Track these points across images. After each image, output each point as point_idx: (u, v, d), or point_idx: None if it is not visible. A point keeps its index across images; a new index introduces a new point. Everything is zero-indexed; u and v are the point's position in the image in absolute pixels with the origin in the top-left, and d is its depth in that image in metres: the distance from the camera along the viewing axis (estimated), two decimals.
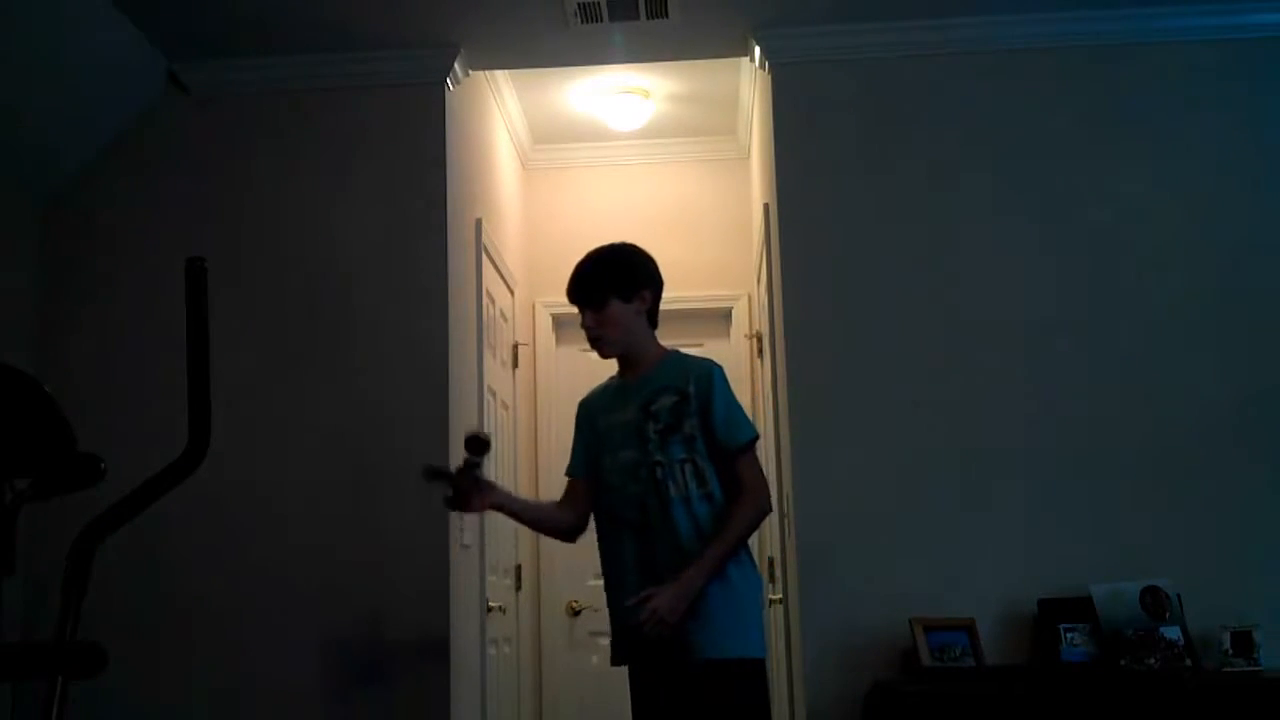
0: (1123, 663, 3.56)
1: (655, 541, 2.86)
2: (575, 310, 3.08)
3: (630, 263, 3.02)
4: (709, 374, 2.94)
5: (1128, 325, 3.97)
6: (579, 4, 3.95)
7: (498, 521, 4.73)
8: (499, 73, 4.92)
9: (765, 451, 4.85)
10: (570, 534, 3.12)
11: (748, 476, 2.92)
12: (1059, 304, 3.99)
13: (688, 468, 2.86)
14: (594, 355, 3.08)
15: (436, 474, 2.93)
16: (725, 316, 5.69)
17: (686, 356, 3.07)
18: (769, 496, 2.99)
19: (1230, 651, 3.57)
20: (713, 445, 2.89)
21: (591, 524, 3.10)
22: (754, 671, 2.86)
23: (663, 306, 3.08)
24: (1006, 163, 4.11)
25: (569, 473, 3.13)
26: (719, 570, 2.82)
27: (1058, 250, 4.03)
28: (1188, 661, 3.57)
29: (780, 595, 4.41)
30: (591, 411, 3.09)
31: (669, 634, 2.76)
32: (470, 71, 4.41)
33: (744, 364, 5.52)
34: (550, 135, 5.66)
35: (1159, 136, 4.10)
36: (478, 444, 2.90)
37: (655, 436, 2.89)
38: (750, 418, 3.10)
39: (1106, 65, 4.14)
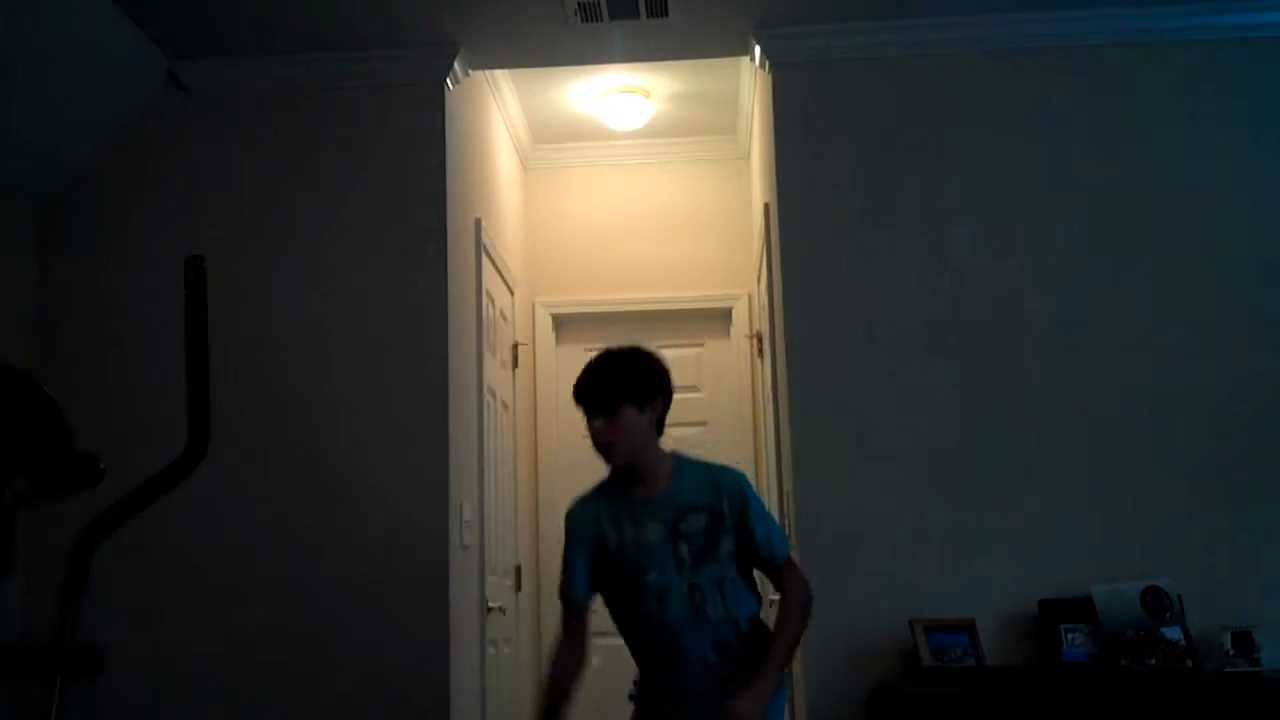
0: (1123, 663, 3.56)
1: (695, 665, 2.75)
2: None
3: (646, 369, 2.84)
4: (740, 491, 2.79)
5: (1129, 325, 3.97)
6: (579, 3, 3.95)
7: (497, 522, 4.74)
8: (499, 72, 4.91)
9: (766, 451, 4.85)
10: (584, 669, 2.92)
11: (790, 580, 2.81)
12: (1059, 303, 3.99)
13: (726, 585, 2.74)
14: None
15: None
16: (725, 316, 5.68)
17: (705, 466, 2.87)
18: (810, 590, 2.85)
19: (1231, 652, 3.57)
20: (750, 558, 2.78)
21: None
22: None
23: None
24: (1007, 162, 4.11)
25: (572, 595, 2.82)
26: (781, 669, 2.73)
27: (1058, 250, 4.03)
28: (1188, 662, 3.56)
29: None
30: (592, 525, 2.82)
31: None
32: (470, 71, 4.41)
33: (744, 364, 5.52)
34: (550, 135, 5.66)
35: (1160, 136, 4.10)
36: None
37: (689, 559, 2.73)
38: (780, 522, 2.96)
39: (1106, 65, 4.14)
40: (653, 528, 2.75)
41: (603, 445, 2.77)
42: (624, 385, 2.77)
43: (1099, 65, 4.15)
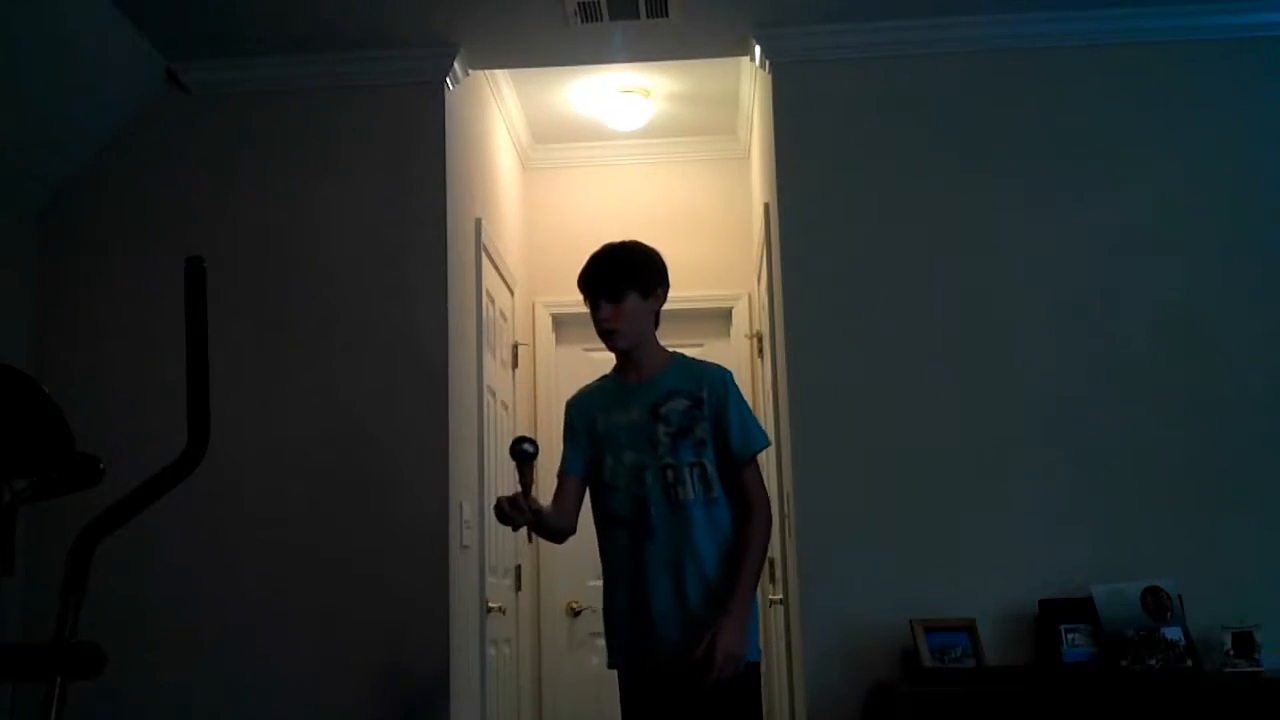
0: (1124, 663, 3.55)
1: (661, 544, 2.85)
2: (575, 310, 3.07)
3: (650, 260, 3.02)
4: (723, 380, 2.93)
5: (1129, 324, 3.97)
6: (579, 3, 3.94)
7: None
8: (499, 72, 4.91)
9: (767, 451, 4.85)
10: (565, 537, 3.07)
11: (753, 488, 2.91)
12: (1060, 303, 3.99)
13: (696, 471, 2.86)
14: (595, 356, 3.08)
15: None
16: (725, 316, 5.68)
17: (695, 360, 3.04)
18: (770, 507, 2.98)
19: (1231, 652, 3.56)
20: (723, 452, 2.89)
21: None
22: (750, 674, 2.86)
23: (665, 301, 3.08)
24: (1007, 162, 4.11)
25: (565, 470, 3.05)
26: (752, 586, 2.83)
27: (1058, 249, 4.03)
28: (1189, 662, 3.56)
29: (780, 596, 4.40)
30: (587, 411, 3.04)
31: (741, 669, 2.76)
32: (470, 71, 4.41)
33: (744, 364, 5.51)
34: (550, 135, 5.66)
35: (1160, 136, 4.10)
36: (523, 453, 2.83)
37: (666, 440, 2.87)
38: (761, 423, 3.08)
39: (1106, 65, 4.14)
40: (636, 410, 2.92)
41: (607, 331, 2.95)
42: (630, 272, 2.95)
43: (1098, 64, 4.14)
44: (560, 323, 5.70)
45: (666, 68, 4.94)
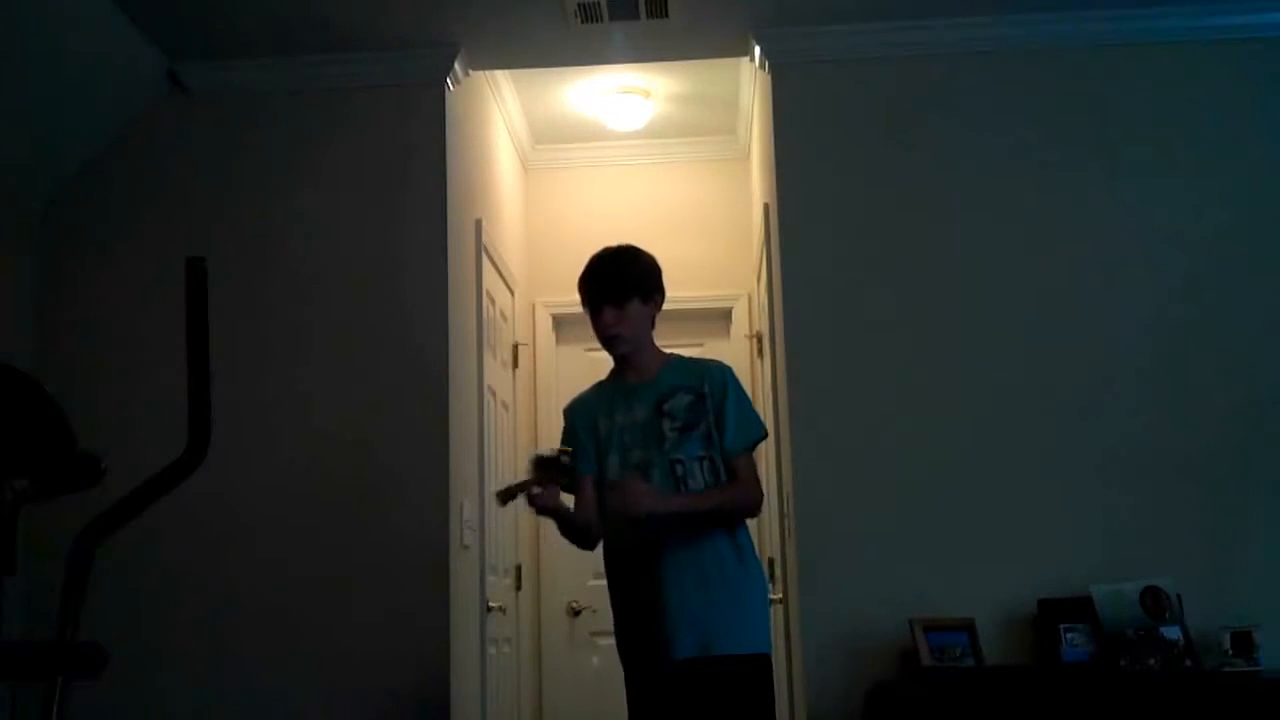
0: (1123, 663, 3.56)
1: (673, 538, 2.84)
2: (575, 310, 3.07)
3: (650, 266, 3.07)
4: (723, 375, 2.99)
5: (1129, 325, 3.97)
6: (579, 4, 3.95)
7: (498, 522, 4.74)
8: (499, 73, 4.91)
9: (766, 451, 4.85)
10: (595, 536, 3.05)
11: (746, 474, 2.93)
12: (1060, 303, 3.99)
13: (705, 464, 2.89)
14: (594, 356, 3.09)
15: (509, 494, 2.97)
16: (725, 316, 5.68)
17: (693, 359, 3.11)
18: (761, 500, 3.01)
19: (1230, 652, 3.57)
20: (718, 445, 2.91)
21: None
22: (763, 667, 2.86)
23: (663, 306, 3.10)
24: (1007, 162, 4.11)
25: (579, 471, 3.03)
26: (689, 510, 2.85)
27: (1059, 250, 4.03)
28: (1188, 662, 3.57)
29: (780, 595, 4.40)
30: (588, 413, 3.05)
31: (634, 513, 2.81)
32: (470, 71, 4.41)
33: (744, 364, 5.52)
34: (550, 135, 5.66)
35: (1161, 136, 4.10)
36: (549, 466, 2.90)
37: (673, 434, 2.90)
38: (760, 415, 3.11)
39: (1107, 65, 4.15)
40: (640, 408, 2.96)
41: (611, 337, 2.99)
42: (633, 278, 2.99)
43: (1099, 65, 4.15)
44: (560, 323, 5.70)
45: (666, 68, 4.95)
